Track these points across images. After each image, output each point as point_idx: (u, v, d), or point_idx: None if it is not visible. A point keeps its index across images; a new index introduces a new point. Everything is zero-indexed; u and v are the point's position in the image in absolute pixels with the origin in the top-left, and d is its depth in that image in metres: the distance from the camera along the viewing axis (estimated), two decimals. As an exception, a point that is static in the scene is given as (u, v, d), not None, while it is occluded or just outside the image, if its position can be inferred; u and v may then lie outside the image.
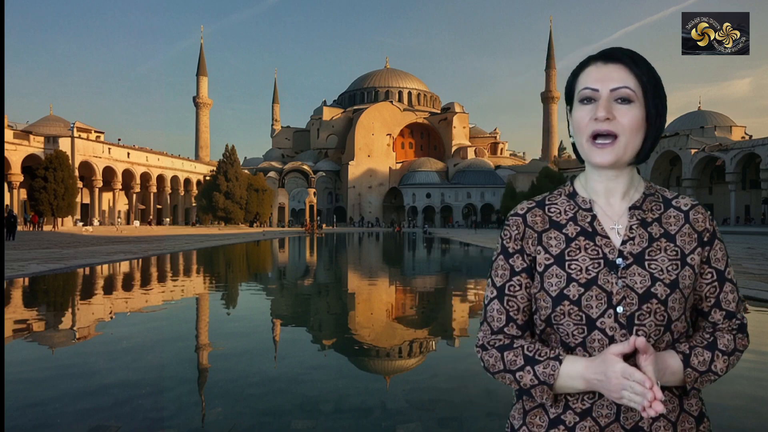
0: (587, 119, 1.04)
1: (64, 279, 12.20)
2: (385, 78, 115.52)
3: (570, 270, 1.04)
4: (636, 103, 1.03)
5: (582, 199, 1.11)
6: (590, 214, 1.09)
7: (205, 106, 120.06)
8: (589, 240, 1.06)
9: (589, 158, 1.06)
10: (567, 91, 1.13)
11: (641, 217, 1.07)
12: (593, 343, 1.01)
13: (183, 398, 4.08)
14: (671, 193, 1.12)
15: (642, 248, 1.04)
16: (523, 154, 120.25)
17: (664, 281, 1.01)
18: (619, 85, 1.02)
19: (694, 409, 1.06)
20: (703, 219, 1.07)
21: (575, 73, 1.10)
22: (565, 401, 1.04)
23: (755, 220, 57.46)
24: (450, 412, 3.79)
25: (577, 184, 1.15)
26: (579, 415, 1.02)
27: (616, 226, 1.07)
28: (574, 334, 1.03)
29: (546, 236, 1.09)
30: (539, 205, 1.13)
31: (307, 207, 78.80)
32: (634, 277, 1.01)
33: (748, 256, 16.46)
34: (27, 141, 59.28)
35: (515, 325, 1.09)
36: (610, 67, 1.04)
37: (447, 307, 9.54)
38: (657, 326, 1.00)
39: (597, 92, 1.03)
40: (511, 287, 1.10)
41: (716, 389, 4.07)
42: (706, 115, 74.87)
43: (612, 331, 1.00)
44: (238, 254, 23.99)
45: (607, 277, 1.02)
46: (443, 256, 23.33)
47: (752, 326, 6.65)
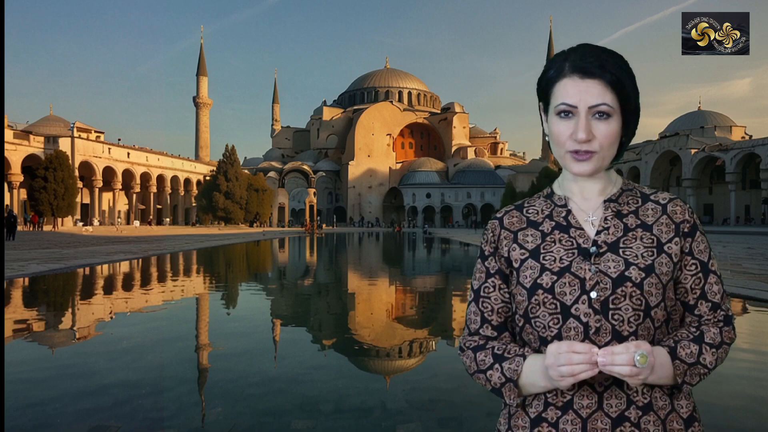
0: (566, 135, 1.04)
1: (64, 279, 12.20)
2: (385, 78, 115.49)
3: (544, 261, 1.05)
4: (613, 116, 1.03)
5: (558, 197, 1.13)
6: (565, 210, 1.11)
7: (205, 106, 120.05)
8: (564, 233, 1.07)
9: (568, 168, 1.07)
10: (542, 90, 1.10)
11: (616, 209, 1.08)
12: (569, 332, 1.00)
13: (183, 398, 4.09)
14: (650, 189, 1.12)
15: (617, 237, 1.04)
16: (523, 154, 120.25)
17: (639, 265, 1.00)
18: (597, 102, 1.01)
19: (684, 411, 1.03)
20: (681, 211, 1.07)
21: (551, 79, 1.07)
22: (545, 398, 1.03)
23: (755, 220, 57.45)
24: (450, 412, 3.79)
25: (555, 185, 1.17)
26: (560, 409, 1.01)
27: (590, 218, 1.08)
28: (550, 325, 1.02)
29: (522, 234, 1.11)
30: (518, 208, 1.16)
31: (307, 207, 78.82)
32: (608, 262, 1.01)
33: (748, 256, 16.45)
34: (27, 141, 59.26)
35: (490, 326, 1.11)
36: (588, 83, 1.02)
37: (447, 307, 9.55)
38: (634, 310, 0.99)
39: (575, 108, 1.02)
40: (485, 289, 1.12)
41: (716, 389, 4.07)
42: (706, 115, 74.81)
43: (586, 317, 0.99)
44: (238, 254, 23.98)
45: (580, 264, 1.02)
46: (443, 256, 23.33)
47: (752, 326, 6.64)
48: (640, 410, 0.99)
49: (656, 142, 66.99)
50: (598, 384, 1.00)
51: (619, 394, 1.00)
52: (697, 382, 1.02)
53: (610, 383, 1.00)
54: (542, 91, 1.10)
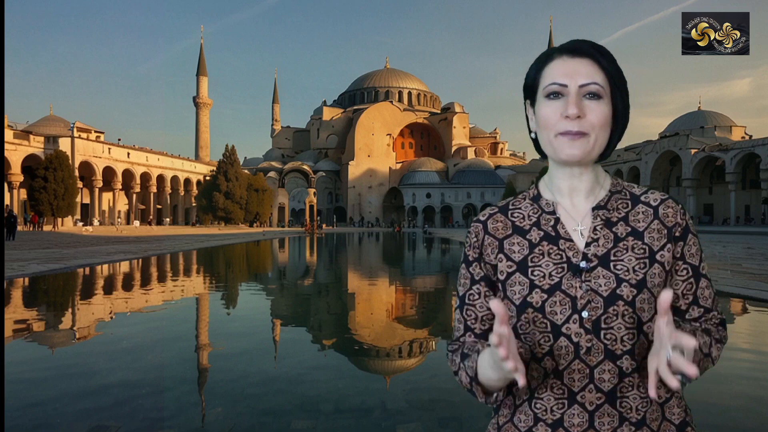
0: (556, 115, 1.00)
1: (64, 279, 12.20)
2: (385, 78, 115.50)
3: (533, 276, 1.01)
4: (604, 99, 1.00)
5: (546, 202, 1.08)
6: (553, 217, 1.05)
7: (205, 106, 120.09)
8: (552, 244, 1.03)
9: (558, 153, 1.01)
10: (528, 85, 1.07)
11: (606, 216, 1.03)
12: (560, 351, 0.98)
13: (183, 398, 4.08)
14: (641, 188, 1.07)
15: (607, 249, 1.00)
16: (523, 154, 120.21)
17: (630, 281, 0.96)
18: (588, 81, 0.98)
19: (675, 418, 1.01)
20: (673, 213, 1.02)
21: (538, 66, 1.05)
22: (534, 414, 1.00)
23: (755, 220, 57.46)
24: (450, 412, 3.79)
25: (542, 185, 1.12)
26: (550, 426, 0.99)
27: (579, 227, 1.03)
28: (541, 343, 1.00)
29: (508, 242, 1.06)
30: (502, 211, 1.10)
31: (307, 207, 78.83)
32: (599, 279, 0.97)
33: (748, 256, 16.45)
34: (27, 141, 59.27)
35: (473, 334, 1.08)
36: (578, 62, 1.00)
37: (447, 307, 9.54)
38: (627, 329, 0.96)
39: (565, 87, 0.99)
40: (470, 296, 1.09)
41: (716, 389, 4.06)
42: (706, 115, 74.81)
43: (577, 337, 0.97)
44: (238, 254, 23.98)
45: (570, 281, 0.98)
46: (443, 256, 23.32)
47: (752, 326, 6.64)
48: (633, 425, 0.96)
49: (656, 142, 67.02)
50: (589, 403, 0.97)
51: (611, 412, 0.96)
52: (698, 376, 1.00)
53: (603, 402, 0.96)
54: (530, 83, 1.07)
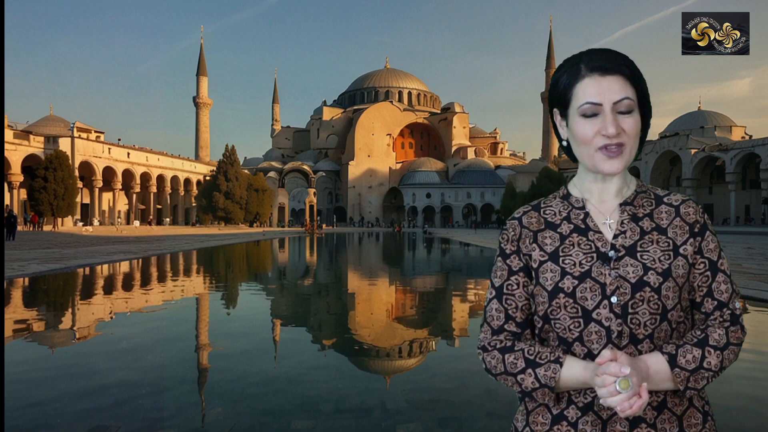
0: (593, 133, 1.05)
1: (64, 279, 12.20)
2: (385, 78, 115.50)
3: (564, 264, 1.07)
4: (635, 110, 1.06)
5: (575, 199, 1.15)
6: (583, 212, 1.13)
7: (205, 106, 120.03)
8: (582, 236, 1.10)
9: (598, 167, 1.07)
10: (558, 96, 1.11)
11: (632, 212, 1.11)
12: (590, 336, 1.04)
13: (183, 398, 4.09)
14: (664, 191, 1.15)
15: (634, 240, 1.07)
16: (523, 154, 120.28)
17: (657, 270, 1.03)
18: (621, 97, 1.04)
19: (700, 404, 1.08)
20: (694, 211, 1.09)
21: (569, 82, 1.08)
22: (568, 396, 1.06)
23: (755, 220, 57.44)
24: (450, 412, 3.79)
25: (571, 186, 1.19)
26: (581, 410, 1.05)
27: (607, 221, 1.11)
28: (571, 328, 1.05)
29: (541, 235, 1.13)
30: (535, 209, 1.18)
31: (307, 207, 78.82)
32: (627, 267, 1.04)
33: (748, 256, 16.45)
34: (27, 141, 59.25)
35: (514, 322, 1.12)
36: (609, 80, 1.05)
37: (447, 307, 9.54)
38: (652, 314, 1.02)
39: (600, 107, 1.04)
40: (509, 286, 1.13)
41: (716, 389, 4.07)
42: (706, 115, 74.79)
43: (608, 321, 1.03)
44: (238, 254, 23.99)
45: (600, 269, 1.05)
46: (443, 256, 23.33)
47: (752, 326, 6.63)
48: (655, 410, 1.03)
49: (656, 142, 66.96)
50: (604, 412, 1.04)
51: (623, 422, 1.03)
52: (705, 385, 1.03)
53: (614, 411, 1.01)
54: (559, 96, 1.11)
